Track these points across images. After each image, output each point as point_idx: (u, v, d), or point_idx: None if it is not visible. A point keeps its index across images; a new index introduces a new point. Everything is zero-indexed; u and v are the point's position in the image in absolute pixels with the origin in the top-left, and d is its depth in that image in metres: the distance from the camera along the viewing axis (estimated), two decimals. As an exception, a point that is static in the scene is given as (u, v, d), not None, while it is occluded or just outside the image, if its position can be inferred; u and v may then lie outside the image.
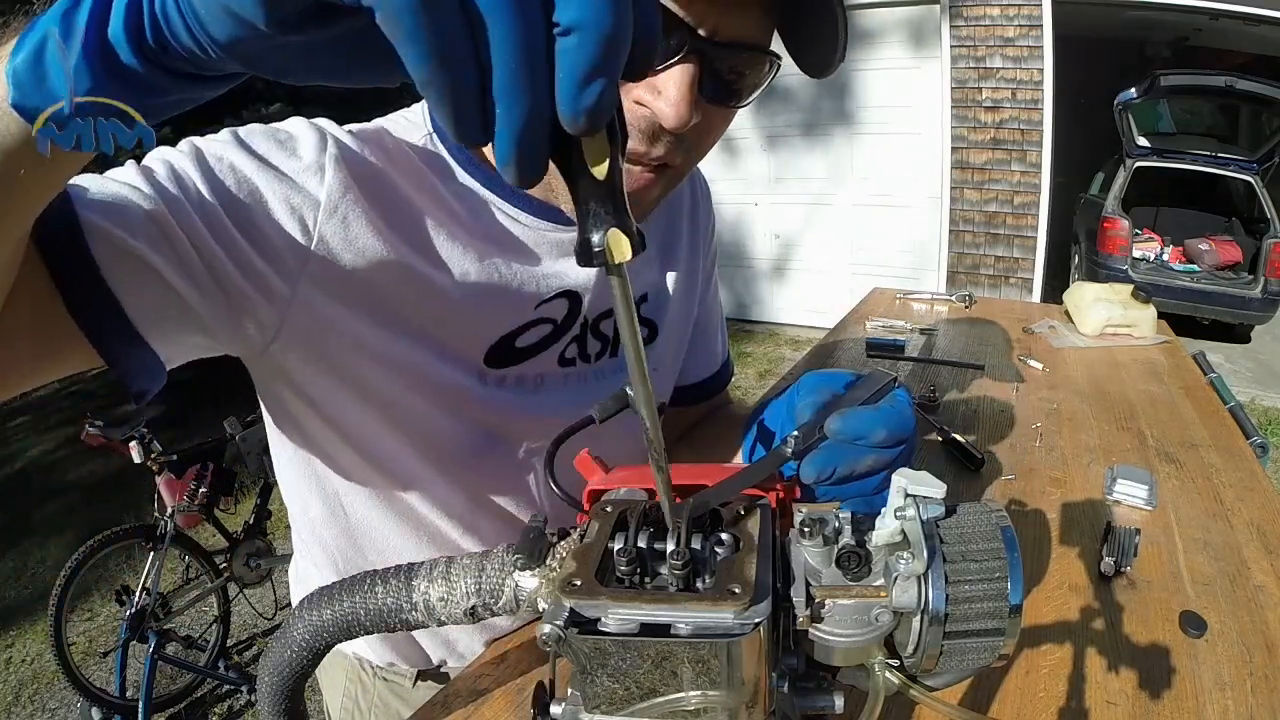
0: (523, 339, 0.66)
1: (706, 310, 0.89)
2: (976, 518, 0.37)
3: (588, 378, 0.72)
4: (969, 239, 5.29)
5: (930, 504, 0.36)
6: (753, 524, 0.40)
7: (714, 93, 0.52)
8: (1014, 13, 4.72)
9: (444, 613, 0.43)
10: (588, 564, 0.37)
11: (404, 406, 0.62)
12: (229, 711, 2.37)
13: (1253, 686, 0.65)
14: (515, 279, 0.64)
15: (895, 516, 0.36)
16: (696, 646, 0.34)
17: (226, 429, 2.50)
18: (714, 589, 0.35)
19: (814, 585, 0.37)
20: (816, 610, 0.37)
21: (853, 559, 0.37)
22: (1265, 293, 4.83)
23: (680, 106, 0.49)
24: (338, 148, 0.55)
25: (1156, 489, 0.95)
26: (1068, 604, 0.76)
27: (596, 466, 0.48)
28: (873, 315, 1.79)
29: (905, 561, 0.35)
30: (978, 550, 0.36)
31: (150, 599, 2.21)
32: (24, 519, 3.92)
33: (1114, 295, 1.64)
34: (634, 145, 0.53)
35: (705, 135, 0.56)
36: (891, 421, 0.47)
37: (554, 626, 0.34)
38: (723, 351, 0.96)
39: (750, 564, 0.36)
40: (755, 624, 0.34)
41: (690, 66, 0.49)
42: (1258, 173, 5.13)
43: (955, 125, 5.05)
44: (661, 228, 0.79)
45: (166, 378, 0.53)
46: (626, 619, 0.35)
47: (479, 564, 0.44)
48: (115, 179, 0.48)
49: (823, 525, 0.38)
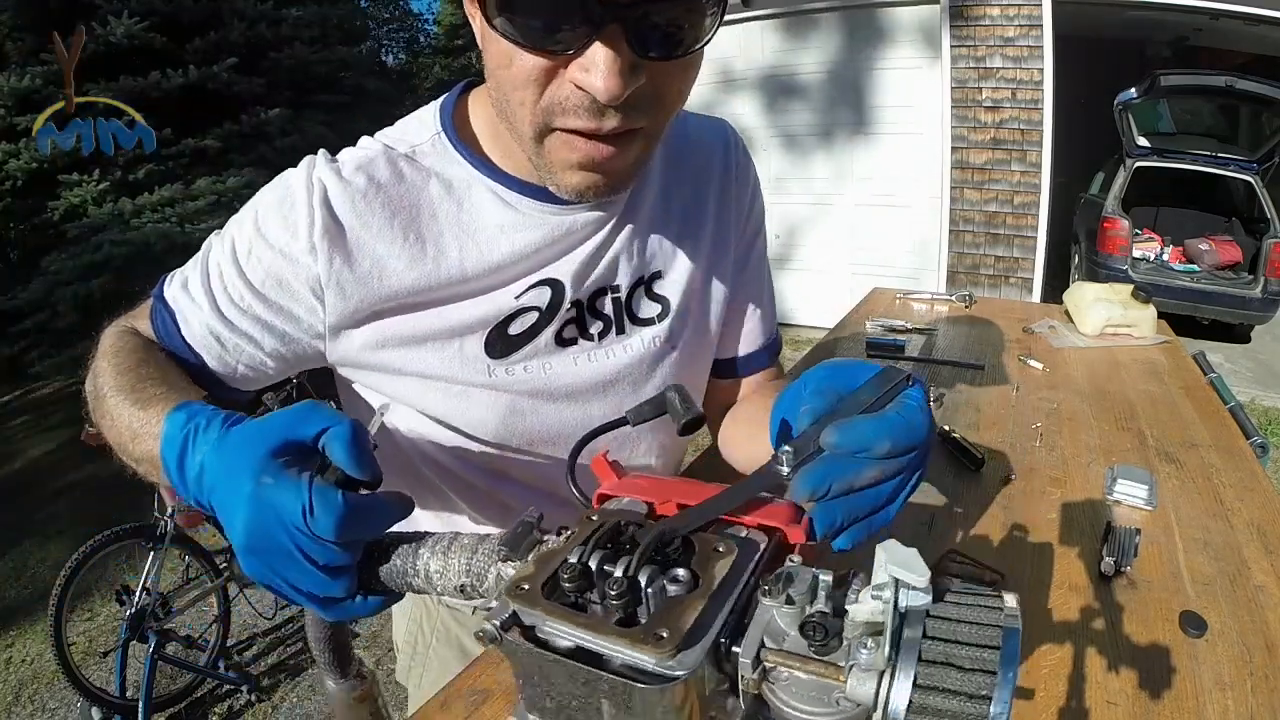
0: (514, 326, 0.69)
1: (745, 283, 0.86)
2: (979, 613, 0.32)
3: (598, 357, 0.73)
4: (969, 239, 5.28)
5: (912, 591, 0.31)
6: (722, 565, 0.36)
7: (654, 49, 0.51)
8: (1014, 13, 4.72)
9: (440, 585, 0.45)
10: (542, 571, 0.37)
11: (433, 400, 0.70)
12: (229, 711, 2.37)
13: (1253, 686, 0.65)
14: (494, 271, 0.67)
15: (872, 596, 0.31)
16: (613, 682, 0.33)
17: (226, 429, 2.50)
18: (645, 628, 0.33)
19: (769, 647, 0.33)
20: (766, 674, 0.33)
21: (817, 630, 0.32)
22: (1265, 293, 4.82)
23: (609, 80, 0.49)
24: (325, 211, 0.62)
25: (1156, 489, 0.95)
26: (1068, 604, 0.76)
27: (611, 470, 0.48)
28: (873, 315, 1.78)
29: (867, 651, 0.30)
30: (965, 656, 0.30)
31: (150, 599, 2.21)
32: (24, 519, 3.92)
33: (1114, 295, 1.64)
34: (584, 123, 0.53)
35: (664, 91, 0.56)
36: (896, 430, 0.43)
37: (492, 625, 0.35)
38: (771, 324, 0.91)
39: (694, 609, 0.33)
40: (676, 676, 0.32)
41: (609, 39, 0.48)
42: (1258, 173, 5.13)
43: (955, 125, 5.05)
44: (685, 199, 0.78)
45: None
46: (557, 635, 0.34)
47: (474, 546, 0.44)
48: (195, 314, 0.65)
49: (789, 583, 0.34)
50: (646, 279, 0.75)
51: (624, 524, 0.39)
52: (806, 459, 0.42)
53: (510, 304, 0.68)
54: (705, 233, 0.79)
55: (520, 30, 0.49)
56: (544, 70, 0.51)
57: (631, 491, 0.45)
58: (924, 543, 0.87)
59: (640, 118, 0.55)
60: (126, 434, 0.57)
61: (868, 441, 0.42)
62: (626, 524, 0.39)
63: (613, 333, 0.74)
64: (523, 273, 0.68)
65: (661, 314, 0.77)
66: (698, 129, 0.79)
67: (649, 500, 0.44)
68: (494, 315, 0.68)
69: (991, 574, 0.78)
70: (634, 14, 0.49)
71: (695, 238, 0.78)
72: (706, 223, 0.79)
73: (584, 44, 0.49)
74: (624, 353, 0.74)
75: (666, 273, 0.77)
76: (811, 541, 0.42)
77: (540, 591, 0.35)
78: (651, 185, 0.74)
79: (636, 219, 0.73)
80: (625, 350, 0.74)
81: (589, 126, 0.53)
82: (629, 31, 0.49)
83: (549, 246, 0.68)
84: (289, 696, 2.41)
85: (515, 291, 0.68)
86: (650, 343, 0.76)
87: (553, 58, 0.51)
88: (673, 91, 0.57)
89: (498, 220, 0.66)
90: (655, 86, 0.54)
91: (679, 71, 0.56)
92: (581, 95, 0.51)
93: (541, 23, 0.49)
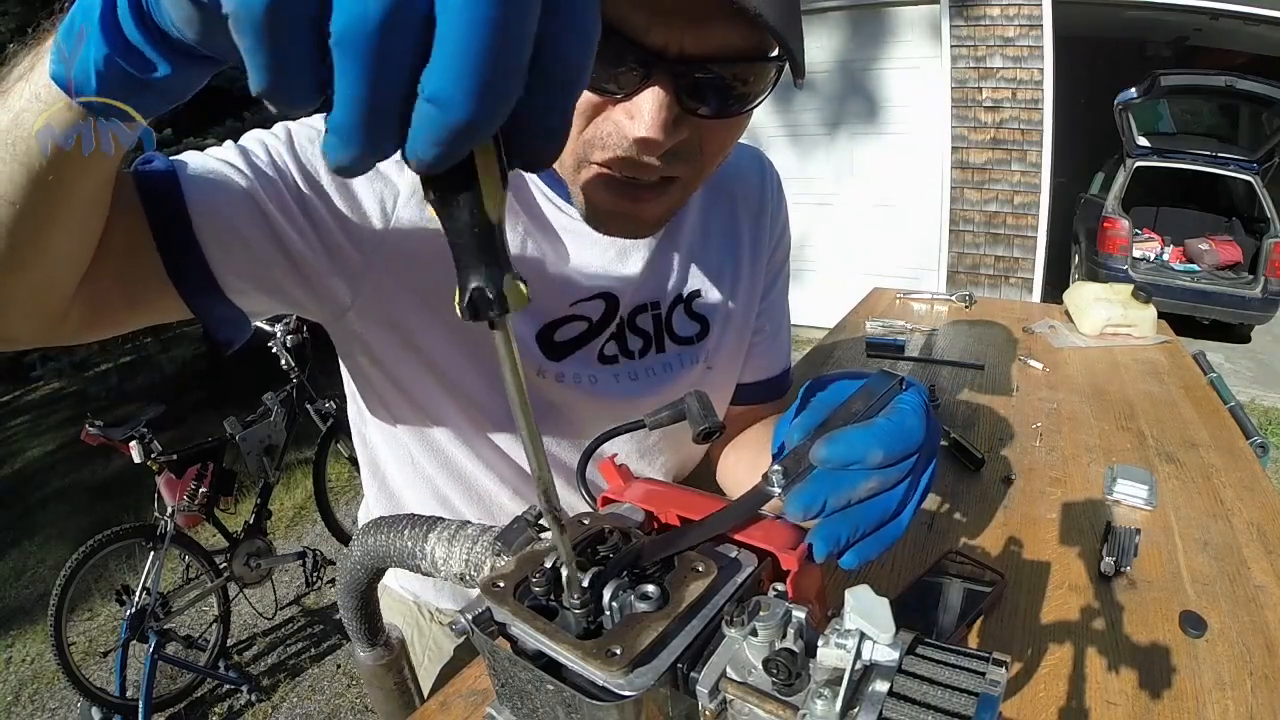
0: (560, 333, 0.68)
1: (770, 308, 0.86)
2: (956, 675, 0.29)
3: (638, 374, 0.73)
4: (969, 239, 5.28)
5: (876, 646, 0.29)
6: (695, 586, 0.35)
7: (703, 105, 0.52)
8: (1014, 13, 4.72)
9: (444, 570, 0.45)
10: (520, 571, 0.37)
11: (458, 376, 0.67)
12: (229, 711, 2.37)
13: (1253, 686, 0.65)
14: (555, 271, 0.66)
15: (835, 643, 0.29)
16: (563, 691, 0.32)
17: (226, 429, 2.50)
18: (600, 643, 0.32)
19: (730, 678, 0.32)
20: (726, 705, 0.32)
21: (780, 668, 0.31)
22: (1265, 293, 4.82)
23: (652, 130, 0.49)
24: None
25: (1156, 489, 0.95)
26: (1068, 604, 0.76)
27: (617, 474, 0.48)
28: (873, 315, 1.78)
29: (823, 701, 0.28)
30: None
31: (150, 599, 2.21)
32: (24, 519, 3.92)
33: (1114, 295, 1.64)
34: (621, 163, 0.53)
35: (708, 145, 0.56)
36: (888, 437, 0.40)
37: (465, 619, 0.35)
38: (785, 356, 0.91)
39: (654, 629, 0.32)
40: (624, 696, 0.30)
41: (658, 90, 0.49)
42: (1258, 173, 5.13)
43: (955, 125, 5.05)
44: (723, 221, 0.78)
45: (251, 331, 0.60)
46: (520, 636, 0.34)
47: (476, 537, 0.44)
48: (216, 157, 0.55)
49: (755, 614, 0.32)
50: (686, 297, 0.76)
51: (608, 532, 0.38)
52: (798, 477, 0.40)
53: (563, 309, 0.68)
54: (741, 256, 0.80)
55: None
56: (592, 105, 0.52)
57: (634, 498, 0.45)
58: (924, 543, 0.87)
59: (679, 167, 0.55)
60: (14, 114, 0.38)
61: (859, 452, 0.39)
62: (612, 532, 0.38)
63: (652, 351, 0.74)
64: (586, 280, 0.68)
65: (700, 333, 0.77)
66: (735, 155, 0.80)
67: (649, 509, 0.44)
68: (544, 315, 0.68)
69: (992, 574, 0.78)
70: (687, 69, 0.49)
71: (733, 259, 0.79)
72: (742, 246, 0.80)
73: (633, 90, 0.49)
74: (665, 371, 0.75)
75: (705, 292, 0.77)
76: (811, 563, 0.39)
77: (512, 591, 0.35)
78: (691, 204, 0.75)
79: (678, 236, 0.74)
80: (666, 369, 0.75)
81: (625, 167, 0.54)
82: (679, 85, 0.49)
83: (609, 259, 0.68)
84: (289, 696, 2.41)
85: (571, 298, 0.68)
86: (689, 362, 0.76)
87: (603, 96, 0.51)
88: (715, 146, 0.57)
89: (562, 224, 0.67)
90: (699, 140, 0.54)
91: (724, 129, 0.56)
92: (622, 136, 0.52)
93: (599, 63, 0.49)
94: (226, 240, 0.53)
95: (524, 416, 0.28)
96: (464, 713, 0.64)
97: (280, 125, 0.58)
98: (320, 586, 2.84)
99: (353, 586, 0.53)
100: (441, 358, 0.66)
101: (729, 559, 0.39)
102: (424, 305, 0.63)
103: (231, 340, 0.59)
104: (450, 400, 0.69)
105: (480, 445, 0.72)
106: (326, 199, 0.57)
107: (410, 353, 0.66)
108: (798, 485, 0.39)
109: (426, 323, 0.64)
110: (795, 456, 0.40)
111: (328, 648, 2.62)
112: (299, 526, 3.45)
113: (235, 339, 0.59)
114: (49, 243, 0.43)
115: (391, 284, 0.62)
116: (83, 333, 0.51)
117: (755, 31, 0.50)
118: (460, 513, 0.76)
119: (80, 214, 0.44)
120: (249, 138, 0.58)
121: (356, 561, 0.50)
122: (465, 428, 0.71)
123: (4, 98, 0.38)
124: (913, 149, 5.28)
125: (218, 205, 0.52)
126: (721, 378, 0.82)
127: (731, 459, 0.87)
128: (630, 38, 0.47)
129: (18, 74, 0.38)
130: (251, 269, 0.55)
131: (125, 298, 0.53)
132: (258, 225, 0.54)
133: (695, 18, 0.47)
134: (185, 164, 0.53)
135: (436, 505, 0.77)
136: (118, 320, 0.54)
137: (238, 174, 0.54)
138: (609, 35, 0.47)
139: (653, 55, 0.48)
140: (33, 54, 0.37)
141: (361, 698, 2.35)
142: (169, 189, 0.51)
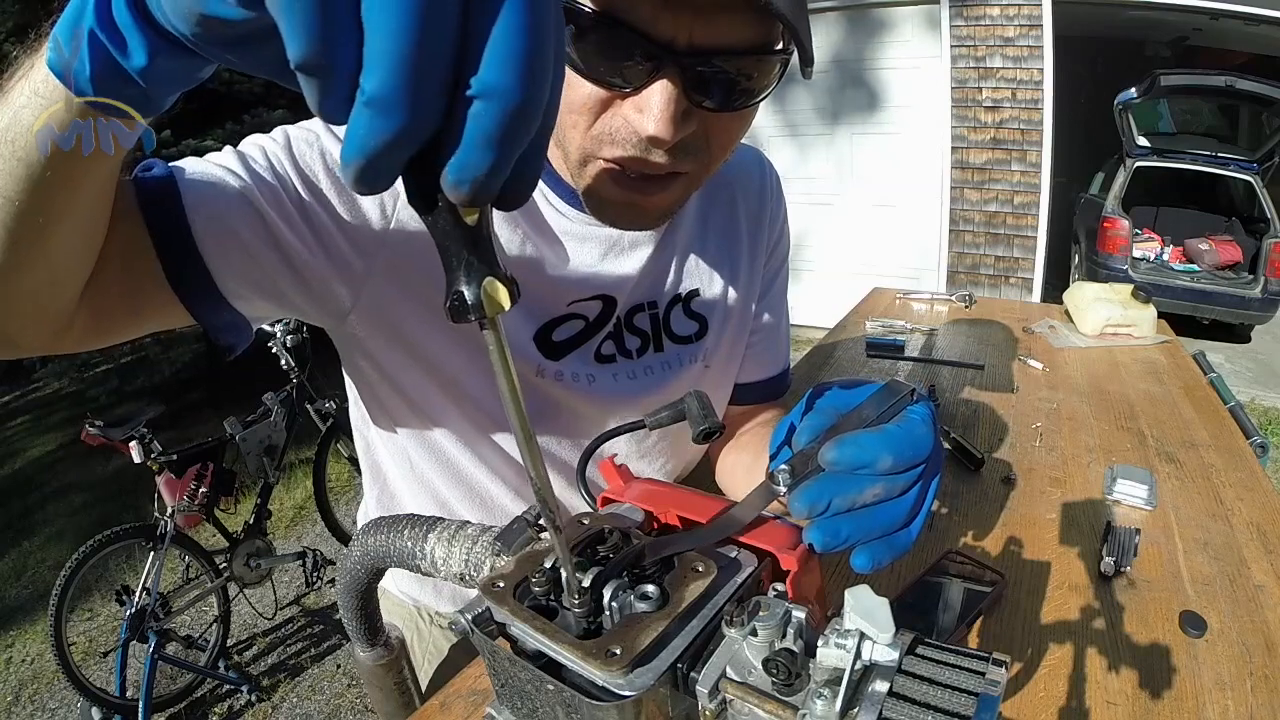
0: (558, 333, 0.68)
1: (767, 308, 0.86)
2: (956, 675, 0.29)
3: (636, 374, 0.73)
4: (969, 239, 5.28)
5: (876, 646, 0.29)
6: (695, 586, 0.35)
7: (711, 99, 0.52)
8: (1014, 13, 4.72)
9: (443, 570, 0.45)
10: (520, 571, 0.37)
11: (460, 379, 0.67)
12: (229, 711, 2.37)
13: (1253, 686, 0.65)
14: (553, 271, 0.66)
15: (835, 643, 0.29)
16: (563, 691, 0.32)
17: (226, 429, 2.50)
18: (600, 643, 0.32)
19: (730, 678, 0.32)
20: (726, 705, 0.32)
21: (780, 668, 0.31)
22: (1265, 293, 4.82)
23: (661, 123, 0.49)
24: None
25: (1156, 489, 0.95)
26: (1068, 604, 0.76)
27: (617, 474, 0.48)
28: (873, 315, 1.78)
29: (822, 701, 0.28)
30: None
31: (150, 599, 2.21)
32: (24, 519, 3.92)
33: (1114, 295, 1.64)
34: (630, 158, 0.53)
35: (715, 140, 0.56)
36: (898, 444, 0.40)
37: (465, 619, 0.35)
38: (783, 356, 0.91)
39: (654, 629, 0.32)
40: (624, 696, 0.30)
41: (666, 83, 0.49)
42: (1258, 173, 5.13)
43: (955, 125, 5.05)
44: (722, 220, 0.78)
45: (254, 336, 0.59)
46: (523, 636, 0.34)
47: (476, 537, 0.44)
48: (215, 162, 0.54)
49: (754, 614, 0.32)
50: (684, 296, 0.76)
51: (608, 532, 0.38)
52: (805, 476, 0.39)
53: (561, 309, 0.68)
54: (740, 255, 0.80)
55: (583, 58, 0.50)
56: (600, 100, 0.52)
57: (634, 498, 0.45)
58: (924, 543, 0.87)
59: (687, 162, 0.55)
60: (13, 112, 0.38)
61: (869, 456, 0.39)
62: (612, 532, 0.38)
63: (651, 350, 0.74)
64: (584, 280, 0.68)
65: (699, 332, 0.77)
66: (735, 154, 0.80)
67: (649, 509, 0.44)
68: (542, 315, 0.68)
69: (992, 574, 0.78)
70: (695, 62, 0.49)
71: (731, 258, 0.79)
72: (741, 246, 0.80)
73: (642, 84, 0.49)
74: (664, 370, 0.74)
75: (704, 291, 0.77)
76: (812, 561, 0.39)
77: (512, 591, 0.35)
78: (690, 203, 0.74)
79: (676, 236, 0.74)
80: (665, 368, 0.75)
81: (634, 162, 0.54)
82: (687, 78, 0.49)
83: (606, 259, 0.68)
84: (289, 696, 2.41)
85: (569, 298, 0.68)
86: (688, 361, 0.76)
87: (610, 90, 0.51)
88: (723, 140, 0.57)
89: (560, 226, 0.67)
90: (706, 134, 0.54)
91: (732, 122, 0.56)
92: (631, 131, 0.52)
93: (605, 57, 0.50)
94: (226, 246, 0.53)
95: (517, 417, 0.28)
96: (464, 713, 0.64)
97: (279, 130, 0.58)
98: (320, 586, 2.84)
99: (353, 586, 0.53)
100: (442, 360, 0.66)
101: (729, 559, 0.39)
102: (424, 308, 0.63)
103: (234, 345, 0.59)
104: (452, 403, 0.69)
105: (482, 447, 0.72)
106: (326, 203, 0.57)
107: (411, 355, 0.66)
108: (805, 484, 0.39)
109: (427, 325, 0.64)
110: (803, 457, 0.40)
111: (328, 648, 2.62)
112: (299, 526, 3.45)
113: (237, 344, 0.59)
114: (51, 244, 0.43)
115: (392, 288, 0.61)
116: (87, 340, 0.51)
117: (763, 23, 0.50)
118: (461, 515, 0.76)
119: (82, 214, 0.44)
120: (248, 143, 0.57)
121: (356, 562, 0.51)
122: (467, 430, 0.71)
123: (4, 96, 0.38)
124: (913, 149, 5.28)
125: (217, 211, 0.52)
126: (720, 377, 0.82)
127: (731, 460, 0.87)
128: (637, 29, 0.47)
129: (18, 75, 0.38)
130: (252, 274, 0.55)
131: (128, 305, 0.53)
132: (257, 231, 0.54)
133: (703, 8, 0.47)
134: (184, 170, 0.53)
135: (437, 508, 0.77)
136: (121, 328, 0.53)
137: (237, 180, 0.53)
138: (615, 27, 0.47)
139: (661, 47, 0.48)
140: (32, 55, 0.37)
141: (361, 698, 2.35)
142: (168, 195, 0.51)
